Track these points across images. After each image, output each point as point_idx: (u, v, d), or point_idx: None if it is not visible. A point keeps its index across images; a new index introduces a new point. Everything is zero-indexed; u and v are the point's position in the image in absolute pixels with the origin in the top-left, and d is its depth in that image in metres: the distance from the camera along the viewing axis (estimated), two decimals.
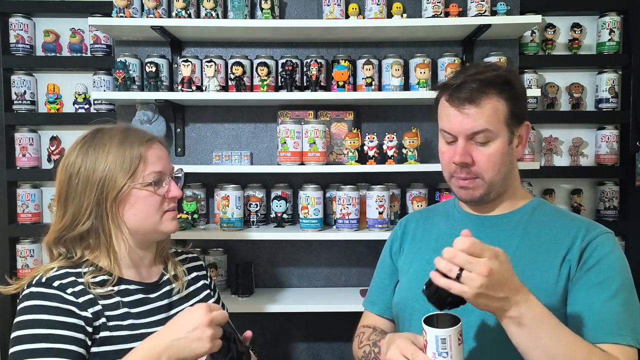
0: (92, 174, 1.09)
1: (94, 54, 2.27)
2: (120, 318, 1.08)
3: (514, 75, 1.12)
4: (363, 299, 2.05)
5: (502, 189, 1.13)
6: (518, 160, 1.17)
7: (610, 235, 1.08)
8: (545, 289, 1.02)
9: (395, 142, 2.05)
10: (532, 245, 1.08)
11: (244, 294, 2.06)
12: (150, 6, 2.01)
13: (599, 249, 1.04)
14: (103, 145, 1.11)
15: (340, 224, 1.99)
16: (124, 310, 1.09)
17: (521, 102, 1.10)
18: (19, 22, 2.25)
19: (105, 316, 1.05)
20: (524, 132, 1.11)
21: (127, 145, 1.11)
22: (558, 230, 1.09)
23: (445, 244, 1.11)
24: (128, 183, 1.10)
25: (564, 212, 1.17)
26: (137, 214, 1.12)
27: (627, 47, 2.26)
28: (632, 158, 2.23)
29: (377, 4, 2.06)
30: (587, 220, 1.12)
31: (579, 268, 1.03)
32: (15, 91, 2.27)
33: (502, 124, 1.06)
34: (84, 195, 1.09)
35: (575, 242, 1.05)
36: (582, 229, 1.07)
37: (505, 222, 1.12)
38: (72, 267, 1.09)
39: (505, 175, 1.10)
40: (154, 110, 2.09)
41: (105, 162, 1.09)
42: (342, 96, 2.02)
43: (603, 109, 2.28)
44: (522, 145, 1.12)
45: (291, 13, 2.21)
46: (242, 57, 2.14)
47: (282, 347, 2.25)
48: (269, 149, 2.22)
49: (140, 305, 1.13)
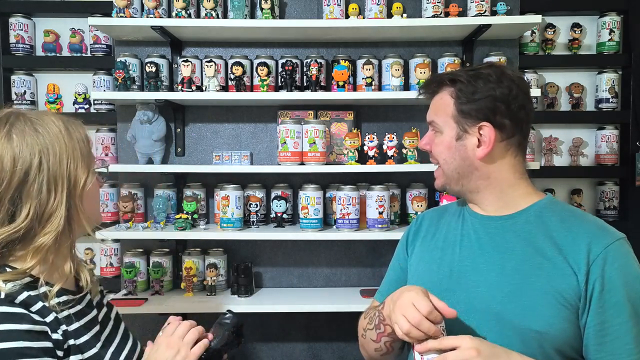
0: (59, 167, 0.93)
1: (94, 54, 2.27)
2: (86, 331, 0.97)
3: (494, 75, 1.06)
4: (363, 298, 2.07)
5: (470, 186, 1.10)
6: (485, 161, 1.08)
7: (620, 244, 1.00)
8: (553, 296, 0.98)
9: (395, 142, 2.05)
10: (538, 249, 1.02)
11: (244, 294, 2.06)
12: (150, 6, 2.01)
13: (609, 263, 0.97)
14: (50, 133, 0.94)
15: (340, 224, 1.99)
16: (81, 323, 0.97)
17: (479, 102, 1.05)
18: (19, 22, 2.25)
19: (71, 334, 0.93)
20: (487, 133, 1.05)
21: (72, 133, 0.97)
22: (565, 234, 1.02)
23: (453, 245, 1.12)
24: (90, 175, 0.98)
25: (574, 212, 1.08)
26: (94, 205, 1.05)
27: (627, 47, 2.26)
28: (632, 158, 2.23)
29: (377, 4, 2.06)
30: (597, 224, 1.04)
31: (589, 285, 0.97)
32: (15, 91, 2.27)
33: (450, 119, 1.08)
34: (51, 193, 0.92)
35: (582, 251, 0.98)
36: (590, 237, 1.00)
37: (510, 223, 1.08)
38: (15, 280, 0.90)
39: (463, 172, 1.09)
40: (154, 110, 2.09)
41: (62, 152, 0.94)
42: (342, 96, 2.02)
43: (603, 109, 2.29)
44: (485, 147, 1.05)
45: (291, 13, 2.21)
46: (242, 57, 2.14)
47: (282, 347, 2.25)
48: (269, 149, 2.22)
49: (82, 316, 0.99)
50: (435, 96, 1.13)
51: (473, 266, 1.07)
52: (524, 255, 1.03)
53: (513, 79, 1.06)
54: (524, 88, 1.08)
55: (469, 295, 1.05)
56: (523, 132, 1.10)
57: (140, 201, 2.17)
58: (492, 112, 1.05)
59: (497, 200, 1.10)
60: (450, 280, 1.09)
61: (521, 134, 1.09)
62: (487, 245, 1.08)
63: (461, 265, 1.09)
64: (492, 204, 1.11)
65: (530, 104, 1.10)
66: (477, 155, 1.07)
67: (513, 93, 1.05)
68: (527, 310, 0.99)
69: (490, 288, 1.03)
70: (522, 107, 1.06)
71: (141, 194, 2.18)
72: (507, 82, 1.05)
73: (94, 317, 1.02)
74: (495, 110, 1.05)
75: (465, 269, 1.08)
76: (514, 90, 1.05)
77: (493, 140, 1.05)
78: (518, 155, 1.10)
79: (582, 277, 0.97)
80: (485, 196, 1.11)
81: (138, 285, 2.10)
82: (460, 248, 1.11)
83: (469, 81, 1.07)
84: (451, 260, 1.11)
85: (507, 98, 1.05)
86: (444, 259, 1.13)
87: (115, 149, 2.22)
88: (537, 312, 0.98)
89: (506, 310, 1.00)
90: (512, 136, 1.07)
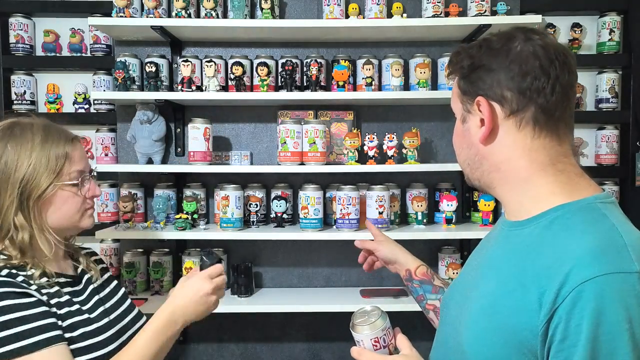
0: (14, 172, 1.05)
1: (94, 54, 2.27)
2: (68, 305, 1.09)
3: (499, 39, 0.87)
4: (363, 298, 2.07)
5: (485, 180, 0.92)
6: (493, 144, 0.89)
7: (614, 279, 0.70)
8: (507, 334, 0.77)
9: (395, 142, 2.05)
10: (521, 271, 0.79)
11: (244, 294, 2.06)
12: (150, 6, 2.00)
13: (580, 305, 0.69)
14: (25, 142, 1.07)
15: (340, 224, 1.99)
16: (76, 307, 1.10)
17: (473, 72, 0.88)
18: (19, 22, 2.25)
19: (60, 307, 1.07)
20: (484, 110, 0.86)
21: (52, 144, 1.09)
22: (556, 254, 0.76)
23: (479, 252, 1.01)
24: (54, 183, 1.08)
25: (587, 225, 0.78)
26: (60, 213, 1.11)
27: (627, 47, 2.25)
28: (632, 158, 2.23)
29: (377, 4, 2.06)
30: (599, 245, 0.74)
31: (549, 329, 0.72)
32: (15, 91, 2.26)
33: (457, 100, 0.93)
34: (5, 193, 1.05)
35: (556, 281, 0.72)
36: (574, 263, 0.72)
37: (516, 233, 0.86)
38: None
39: (473, 162, 0.92)
40: (154, 110, 2.09)
41: (28, 160, 1.06)
42: (342, 96, 2.02)
43: (603, 109, 2.28)
44: (485, 128, 0.86)
45: (291, 13, 2.21)
46: (242, 57, 2.14)
47: (282, 347, 2.25)
48: (269, 149, 2.22)
49: (76, 296, 1.14)
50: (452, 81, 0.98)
51: (472, 280, 0.94)
52: (505, 277, 0.82)
53: (523, 41, 0.84)
54: (536, 51, 0.83)
55: (459, 311, 0.93)
56: (538, 105, 0.82)
57: (140, 201, 2.17)
58: (486, 84, 0.85)
59: (513, 200, 0.89)
60: (454, 289, 1.02)
61: (535, 107, 0.83)
62: (489, 257, 0.93)
63: (468, 275, 0.98)
64: (510, 205, 0.91)
65: (547, 69, 0.82)
66: (479, 138, 0.88)
67: (513, 57, 0.83)
68: (478, 342, 0.82)
69: (469, 309, 0.87)
70: (527, 73, 0.82)
71: (141, 194, 2.18)
72: (511, 45, 0.84)
73: (89, 293, 1.18)
74: (490, 80, 0.85)
75: (468, 280, 0.96)
76: (515, 54, 0.83)
77: (490, 116, 0.85)
78: (538, 137, 0.84)
79: (544, 316, 0.72)
80: (501, 194, 0.91)
81: (138, 285, 2.10)
82: (478, 256, 0.99)
83: (466, 51, 0.90)
84: (469, 267, 1.01)
85: (504, 64, 0.84)
86: (468, 265, 1.03)
87: (115, 149, 2.21)
88: (485, 347, 0.80)
89: (465, 338, 0.85)
90: (520, 110, 0.83)
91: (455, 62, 0.92)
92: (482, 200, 2.03)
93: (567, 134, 0.87)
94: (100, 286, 1.24)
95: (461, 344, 0.85)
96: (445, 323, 1.00)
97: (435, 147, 2.22)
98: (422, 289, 1.28)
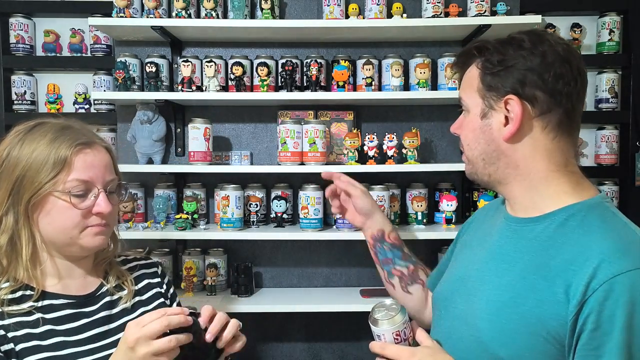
0: (15, 167, 0.98)
1: (94, 54, 2.27)
2: (40, 337, 0.96)
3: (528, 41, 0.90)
4: (363, 298, 2.07)
5: (498, 175, 0.95)
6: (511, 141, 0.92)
7: (632, 276, 0.76)
8: (533, 325, 0.82)
9: (395, 142, 2.06)
10: (541, 265, 0.85)
11: (244, 294, 2.06)
12: (150, 6, 2.01)
13: (613, 297, 0.76)
14: (35, 140, 0.99)
15: (340, 224, 1.99)
16: (47, 327, 0.97)
17: (506, 71, 0.90)
18: (19, 22, 2.25)
19: (13, 339, 0.94)
20: (513, 108, 0.89)
21: (56, 145, 0.98)
22: (579, 250, 0.82)
23: (479, 245, 1.02)
24: (46, 187, 0.96)
25: (604, 223, 0.87)
26: (52, 224, 0.99)
27: (627, 47, 2.26)
28: (632, 158, 2.23)
29: (377, 4, 2.06)
30: (623, 242, 0.82)
31: (579, 319, 0.78)
32: (16, 91, 2.26)
33: (476, 94, 0.94)
34: (1, 185, 0.99)
35: (585, 274, 0.78)
36: (602, 258, 0.78)
37: (529, 229, 0.91)
38: None
39: (489, 158, 0.94)
40: (154, 110, 2.09)
41: (29, 157, 0.97)
42: (342, 96, 2.02)
43: (603, 109, 2.29)
44: (512, 125, 0.89)
45: (291, 13, 2.21)
46: (242, 57, 2.14)
47: (282, 347, 2.25)
48: (269, 149, 2.22)
49: (69, 321, 1.00)
50: (463, 70, 0.99)
51: (479, 274, 0.96)
52: (524, 270, 0.87)
53: (553, 45, 0.89)
54: (567, 56, 0.89)
55: (467, 304, 0.96)
56: (565, 109, 0.88)
57: (140, 201, 2.17)
58: (520, 83, 0.88)
59: (525, 198, 0.93)
60: (458, 283, 1.01)
61: (562, 111, 0.89)
62: (498, 251, 0.95)
63: (472, 269, 0.99)
64: (520, 202, 0.95)
65: (575, 75, 0.89)
66: (503, 135, 0.91)
67: (548, 60, 0.87)
68: (501, 334, 0.86)
69: (482, 301, 0.92)
70: (561, 77, 0.87)
71: (141, 194, 2.18)
72: (544, 47, 0.88)
73: (95, 319, 1.03)
74: (523, 80, 0.88)
75: (474, 274, 0.98)
76: (550, 57, 0.87)
77: (520, 116, 0.88)
78: (558, 140, 0.90)
79: (573, 307, 0.78)
80: (513, 190, 0.95)
81: None
82: (480, 250, 1.00)
83: (496, 48, 0.92)
84: (470, 261, 1.02)
85: (539, 66, 0.88)
86: (466, 259, 1.04)
87: (115, 149, 2.22)
88: (509, 338, 0.85)
89: (484, 330, 0.88)
90: (548, 112, 0.88)
91: (479, 55, 0.94)
92: (482, 201, 2.03)
93: (577, 137, 0.94)
94: (130, 309, 1.08)
95: (479, 336, 0.89)
96: (450, 317, 1.00)
97: (435, 147, 2.22)
98: (392, 253, 1.29)
